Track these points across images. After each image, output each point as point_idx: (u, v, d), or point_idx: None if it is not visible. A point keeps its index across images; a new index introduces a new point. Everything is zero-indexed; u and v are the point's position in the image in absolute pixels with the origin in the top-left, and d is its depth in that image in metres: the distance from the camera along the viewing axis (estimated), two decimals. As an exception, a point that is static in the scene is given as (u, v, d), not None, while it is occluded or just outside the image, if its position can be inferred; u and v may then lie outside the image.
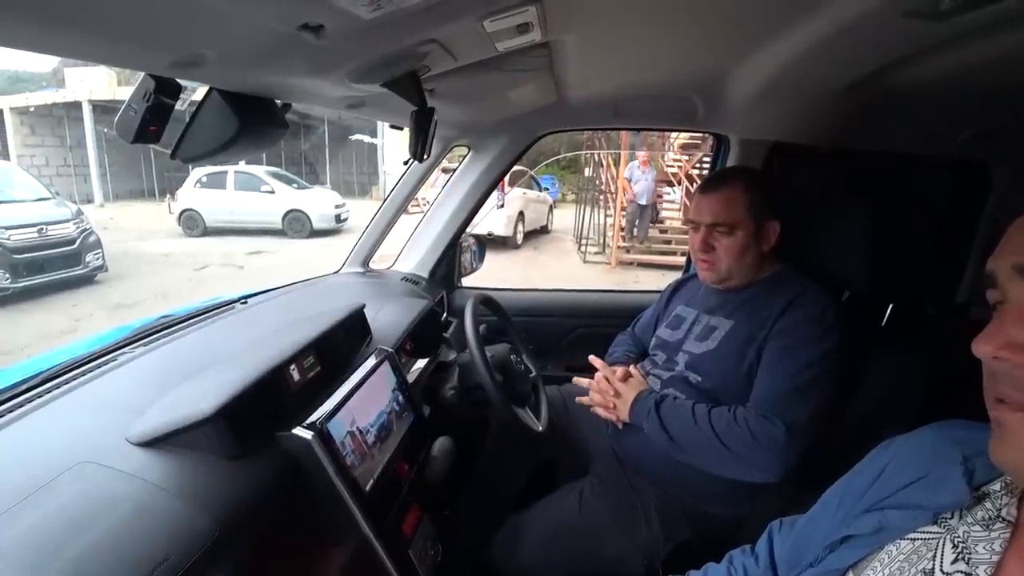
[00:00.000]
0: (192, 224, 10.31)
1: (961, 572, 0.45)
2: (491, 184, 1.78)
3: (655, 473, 1.20)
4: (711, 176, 1.35)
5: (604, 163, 10.13)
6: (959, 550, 0.47)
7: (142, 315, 1.30)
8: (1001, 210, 1.50)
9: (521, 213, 9.44)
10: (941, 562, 0.47)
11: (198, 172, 10.60)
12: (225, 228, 10.18)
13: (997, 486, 0.48)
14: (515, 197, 9.05)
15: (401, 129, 1.44)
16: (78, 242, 6.07)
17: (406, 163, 1.64)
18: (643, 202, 8.98)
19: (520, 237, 9.62)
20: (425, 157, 1.07)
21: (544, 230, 11.35)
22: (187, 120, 0.74)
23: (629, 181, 8.94)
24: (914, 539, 0.50)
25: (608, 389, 1.23)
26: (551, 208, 11.87)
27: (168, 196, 11.50)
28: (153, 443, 0.68)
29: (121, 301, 5.81)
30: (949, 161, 1.50)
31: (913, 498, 0.53)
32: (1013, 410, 0.41)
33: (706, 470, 1.08)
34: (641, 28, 0.94)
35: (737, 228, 1.15)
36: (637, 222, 9.15)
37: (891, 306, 1.35)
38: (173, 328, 1.12)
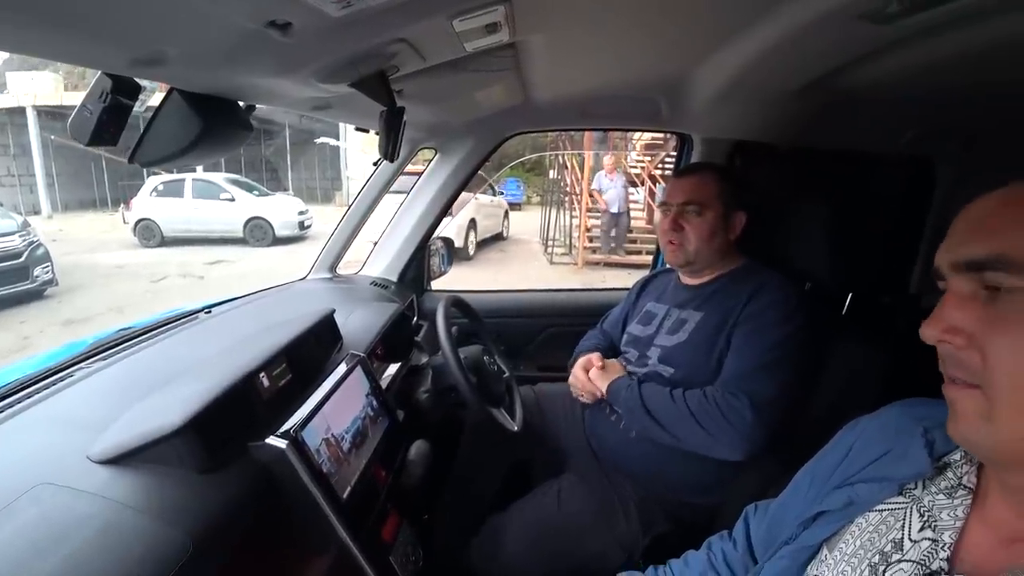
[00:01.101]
0: (148, 234, 9.93)
1: (928, 539, 0.48)
2: (459, 186, 1.78)
3: (632, 468, 1.21)
4: (688, 165, 1.39)
5: (568, 165, 10.21)
6: (925, 518, 0.49)
7: (97, 330, 1.24)
8: (946, 205, 1.59)
9: (473, 221, 8.84)
10: (909, 531, 0.50)
11: (153, 180, 10.24)
12: (183, 238, 9.84)
13: (957, 456, 0.51)
14: (466, 203, 8.38)
15: (367, 131, 1.43)
16: (25, 255, 5.74)
17: (376, 164, 1.63)
18: (615, 210, 8.64)
19: (472, 247, 8.98)
20: (395, 158, 1.06)
21: (500, 237, 10.76)
22: (141, 125, 0.71)
23: (600, 192, 8.69)
24: (882, 510, 0.53)
25: (583, 376, 1.28)
26: (507, 213, 11.32)
27: (122, 205, 11.07)
28: (117, 460, 0.65)
29: (73, 316, 5.54)
30: (899, 159, 1.58)
31: (879, 472, 0.55)
32: (959, 388, 0.44)
33: (678, 446, 1.10)
34: (606, 29, 0.95)
35: (707, 209, 1.20)
36: (614, 232, 8.80)
37: (850, 296, 1.41)
38: (133, 341, 1.08)
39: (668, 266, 1.37)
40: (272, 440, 0.74)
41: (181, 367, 0.89)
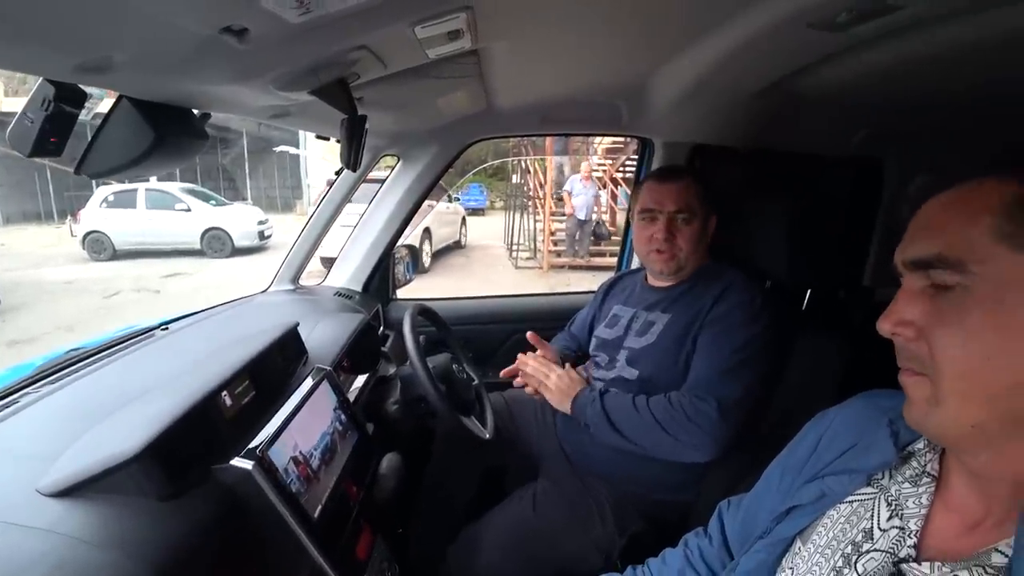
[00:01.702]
0: (99, 247, 9.50)
1: (896, 527, 0.50)
2: (423, 193, 1.76)
3: (605, 469, 1.22)
4: (664, 169, 1.40)
5: (531, 169, 10.25)
6: (893, 507, 0.51)
7: (44, 351, 1.17)
8: (894, 203, 1.66)
9: (427, 230, 8.31)
10: (878, 520, 0.51)
11: (104, 191, 9.81)
12: (137, 250, 9.47)
13: (921, 444, 0.53)
14: (421, 212, 7.73)
15: (328, 139, 1.40)
16: (-39, 273, 5.43)
17: (338, 173, 1.60)
18: (582, 216, 8.49)
19: (428, 259, 8.53)
20: (357, 167, 1.04)
21: (458, 245, 10.31)
22: (90, 133, 0.68)
23: (570, 195, 8.58)
24: (852, 501, 0.54)
25: (540, 366, 1.25)
26: (464, 220, 10.83)
27: (69, 217, 10.57)
28: (70, 492, 0.61)
29: (17, 337, 5.24)
30: (850, 160, 1.64)
31: (848, 464, 0.57)
32: (910, 376, 0.48)
33: (645, 453, 1.11)
34: (567, 36, 0.96)
35: (695, 217, 1.22)
36: (578, 236, 8.65)
37: (809, 292, 1.46)
38: (85, 362, 1.02)
39: (634, 267, 1.38)
40: (237, 461, 0.71)
41: (137, 388, 0.85)
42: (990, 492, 0.46)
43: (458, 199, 11.54)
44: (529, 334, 1.33)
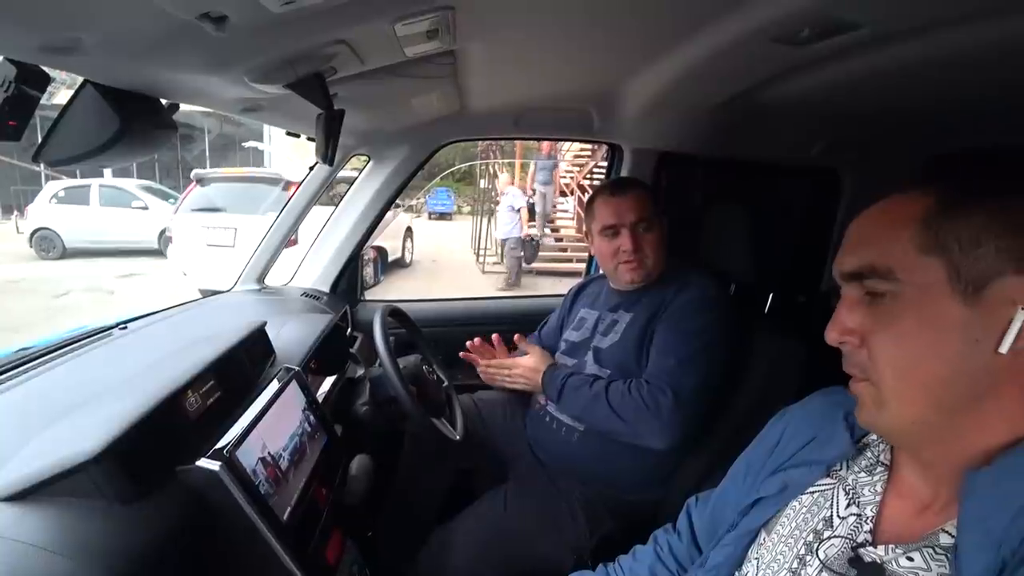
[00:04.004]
0: (47, 245, 9.01)
1: (853, 515, 0.52)
2: (393, 194, 1.75)
3: (575, 469, 1.23)
4: (613, 183, 1.42)
5: (500, 175, 10.23)
6: (850, 496, 0.54)
7: (-14, 354, 1.10)
8: (849, 211, 1.74)
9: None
10: (838, 508, 0.54)
11: (54, 186, 9.31)
12: (89, 249, 9.01)
13: (874, 436, 0.56)
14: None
15: (298, 136, 1.38)
16: None
17: (311, 168, 1.58)
18: (499, 235, 6.92)
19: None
20: (333, 161, 1.03)
21: (400, 264, 8.48)
22: (39, 125, 0.65)
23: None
24: (813, 492, 0.57)
25: (499, 370, 1.34)
26: (409, 231, 8.96)
27: (15, 213, 10.01)
28: (23, 495, 0.58)
29: (-46, 338, 4.94)
30: (809, 169, 1.72)
31: (809, 456, 0.60)
32: (857, 382, 0.50)
33: (605, 434, 1.16)
34: (543, 41, 0.98)
35: (654, 224, 1.25)
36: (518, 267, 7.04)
37: (771, 296, 1.51)
38: (36, 362, 0.97)
39: (600, 272, 1.41)
40: (203, 462, 0.68)
41: (95, 389, 0.81)
42: (936, 478, 0.49)
43: (399, 205, 10.66)
44: (516, 337, 1.42)
